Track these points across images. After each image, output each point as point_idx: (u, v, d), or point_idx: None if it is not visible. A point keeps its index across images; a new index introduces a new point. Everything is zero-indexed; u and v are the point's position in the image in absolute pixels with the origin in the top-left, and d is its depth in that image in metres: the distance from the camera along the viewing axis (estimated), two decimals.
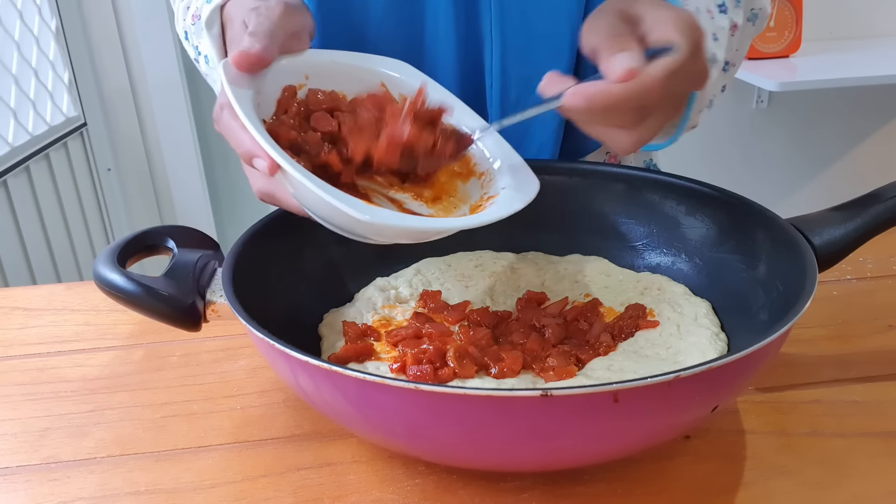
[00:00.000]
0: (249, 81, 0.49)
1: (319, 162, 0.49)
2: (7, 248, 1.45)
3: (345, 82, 0.55)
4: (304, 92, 0.53)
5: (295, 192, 0.48)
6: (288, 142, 0.49)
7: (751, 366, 0.43)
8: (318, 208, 0.48)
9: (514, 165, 0.54)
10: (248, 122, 0.45)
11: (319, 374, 0.41)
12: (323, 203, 0.45)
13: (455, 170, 0.55)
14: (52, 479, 0.49)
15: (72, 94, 1.73)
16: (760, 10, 0.70)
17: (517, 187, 0.52)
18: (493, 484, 0.46)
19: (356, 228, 0.47)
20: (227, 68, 0.48)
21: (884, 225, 0.53)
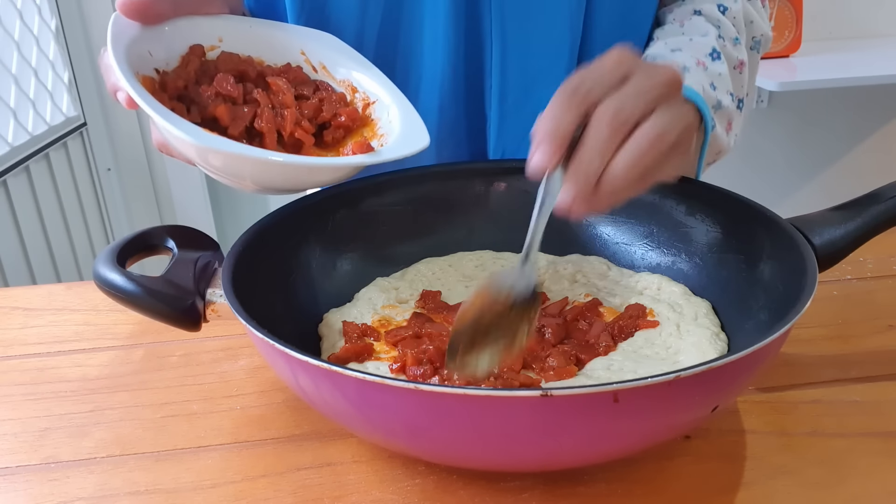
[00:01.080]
0: (146, 34, 0.52)
1: (208, 114, 0.51)
2: (7, 248, 1.45)
3: (263, 49, 0.57)
4: (217, 54, 0.55)
5: (158, 128, 0.50)
6: (176, 90, 0.51)
7: (751, 366, 0.43)
8: (178, 144, 0.49)
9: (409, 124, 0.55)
10: (114, 58, 0.48)
11: (319, 374, 0.41)
12: (172, 134, 0.47)
13: (363, 134, 0.56)
14: (52, 479, 0.49)
15: (72, 94, 1.73)
16: (762, 35, 0.71)
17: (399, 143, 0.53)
18: (493, 484, 0.46)
19: (221, 167, 0.50)
20: (117, 18, 0.51)
21: (884, 225, 0.53)
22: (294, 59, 0.58)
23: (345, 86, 0.58)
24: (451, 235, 0.66)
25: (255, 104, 0.53)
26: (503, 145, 0.72)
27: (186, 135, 0.46)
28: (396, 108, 0.56)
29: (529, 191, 0.67)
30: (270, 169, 0.50)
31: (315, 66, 0.58)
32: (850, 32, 2.10)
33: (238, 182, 0.52)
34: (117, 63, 0.47)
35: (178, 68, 0.53)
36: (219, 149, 0.47)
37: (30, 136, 1.54)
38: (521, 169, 0.67)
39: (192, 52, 0.54)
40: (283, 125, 0.52)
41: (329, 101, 0.55)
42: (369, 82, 0.58)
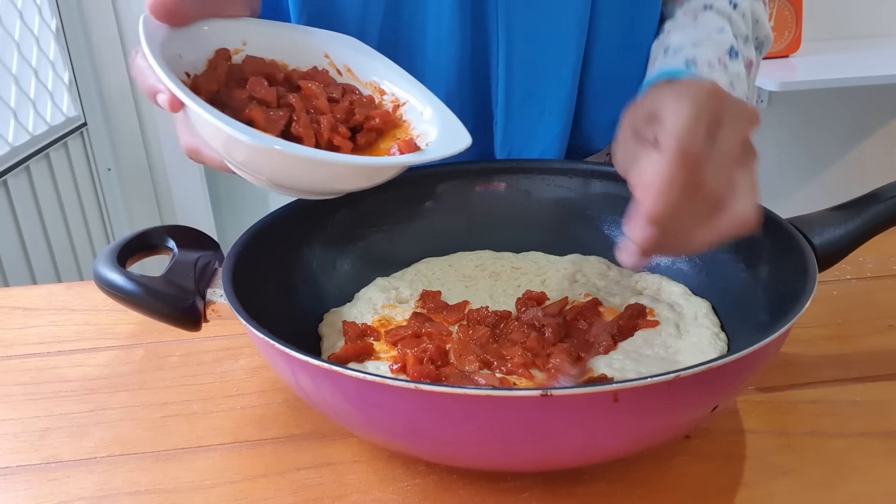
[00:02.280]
0: (174, 36, 0.50)
1: (243, 118, 0.49)
2: (7, 248, 1.45)
3: (286, 52, 0.56)
4: (241, 57, 0.54)
5: (201, 133, 0.48)
6: (209, 94, 0.50)
7: (751, 366, 0.43)
8: (222, 146, 0.48)
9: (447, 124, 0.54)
10: (153, 59, 0.46)
11: (319, 374, 0.41)
12: (220, 134, 0.45)
13: (395, 136, 0.55)
14: (52, 479, 0.49)
15: (72, 94, 1.73)
16: (766, 37, 0.70)
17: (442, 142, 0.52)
18: (493, 484, 0.46)
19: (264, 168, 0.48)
20: (146, 18, 0.49)
21: (884, 225, 0.53)
22: (318, 62, 0.57)
23: (371, 88, 0.57)
24: (451, 235, 0.66)
25: (289, 108, 0.51)
26: (510, 144, 0.72)
27: (245, 136, 0.44)
28: (431, 110, 0.55)
29: (530, 190, 0.67)
30: (329, 171, 0.48)
31: (339, 70, 0.57)
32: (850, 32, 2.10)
33: (281, 187, 0.50)
34: (158, 64, 0.45)
35: (208, 71, 0.52)
36: (284, 151, 0.45)
37: (30, 136, 1.54)
38: (521, 169, 0.68)
39: (218, 55, 0.53)
40: (320, 131, 0.51)
41: (359, 104, 0.54)
42: (397, 84, 0.57)
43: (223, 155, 0.49)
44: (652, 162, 0.42)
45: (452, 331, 0.55)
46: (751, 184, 0.44)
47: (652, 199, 0.42)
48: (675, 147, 0.41)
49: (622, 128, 0.49)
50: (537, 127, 0.71)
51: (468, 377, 0.48)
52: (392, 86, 0.57)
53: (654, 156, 0.42)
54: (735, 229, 0.44)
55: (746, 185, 0.43)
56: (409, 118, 0.55)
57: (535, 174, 0.67)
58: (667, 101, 0.43)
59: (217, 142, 0.48)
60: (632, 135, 0.47)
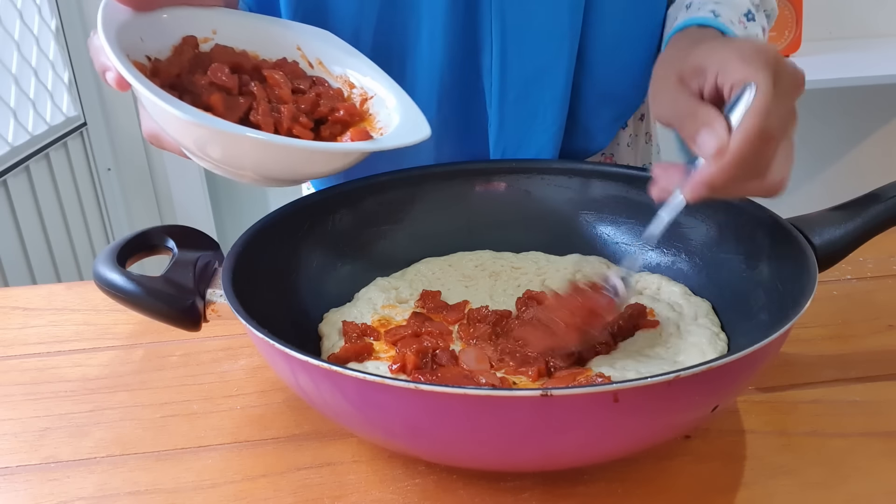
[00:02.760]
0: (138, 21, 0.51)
1: (201, 103, 0.50)
2: (7, 248, 1.45)
3: (258, 43, 0.56)
4: (211, 45, 0.55)
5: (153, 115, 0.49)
6: (169, 78, 0.50)
7: (751, 366, 0.43)
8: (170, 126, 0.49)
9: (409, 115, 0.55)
10: (105, 38, 0.47)
11: (319, 373, 0.41)
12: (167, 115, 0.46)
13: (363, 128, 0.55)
14: (52, 479, 0.49)
15: (72, 93, 1.73)
16: (772, 10, 0.70)
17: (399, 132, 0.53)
18: (493, 484, 0.46)
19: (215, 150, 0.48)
20: (109, 2, 0.50)
21: (884, 225, 0.53)
22: (290, 54, 0.58)
23: (341, 81, 0.58)
24: (451, 235, 0.66)
25: (251, 97, 0.52)
26: (504, 144, 0.72)
27: (181, 112, 0.45)
28: (395, 101, 0.56)
29: (530, 191, 0.67)
30: (269, 152, 0.48)
31: (311, 62, 0.58)
32: (850, 32, 2.10)
33: (235, 171, 0.50)
34: (108, 42, 0.46)
35: (171, 57, 0.52)
36: (213, 126, 0.46)
37: (30, 136, 1.54)
38: (521, 169, 0.68)
39: (185, 42, 0.53)
40: (280, 120, 0.51)
41: (326, 96, 0.54)
42: (366, 77, 0.58)
43: (173, 137, 0.50)
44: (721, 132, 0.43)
45: (452, 330, 0.56)
46: (789, 151, 0.45)
47: (719, 170, 0.43)
48: (755, 125, 0.42)
49: (663, 76, 0.49)
50: (532, 128, 0.71)
51: (468, 377, 0.48)
52: (362, 78, 0.57)
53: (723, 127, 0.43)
54: (765, 193, 0.46)
55: (786, 152, 0.45)
56: (375, 111, 0.56)
57: (535, 174, 0.67)
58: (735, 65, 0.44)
59: (164, 122, 0.48)
60: (678, 84, 0.47)
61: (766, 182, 0.45)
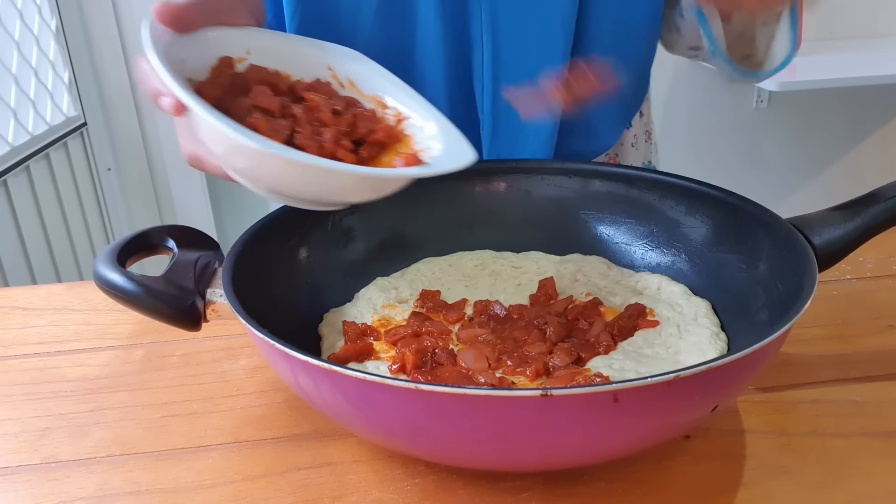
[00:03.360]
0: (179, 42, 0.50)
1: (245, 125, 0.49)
2: (7, 248, 1.45)
3: (290, 63, 0.55)
4: (245, 66, 0.54)
5: (204, 137, 0.48)
6: (213, 100, 0.49)
7: (751, 366, 0.43)
8: (226, 152, 0.47)
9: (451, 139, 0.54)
10: (158, 62, 0.45)
11: (319, 373, 0.41)
12: (225, 140, 0.45)
13: (398, 150, 0.54)
14: (52, 479, 0.49)
15: (72, 93, 1.73)
16: None
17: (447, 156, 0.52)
18: (493, 484, 0.46)
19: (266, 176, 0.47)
20: (152, 24, 0.49)
21: (884, 225, 0.53)
22: (321, 74, 0.56)
23: (373, 101, 0.57)
24: (451, 235, 0.66)
25: (292, 119, 0.50)
26: (497, 148, 0.72)
27: (252, 141, 0.43)
28: (434, 124, 0.55)
29: (529, 191, 0.67)
30: (334, 181, 0.48)
31: (342, 82, 0.57)
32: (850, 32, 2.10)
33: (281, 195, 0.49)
34: (163, 67, 0.45)
35: (211, 78, 0.51)
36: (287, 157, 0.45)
37: (30, 135, 1.54)
38: (521, 169, 0.68)
39: (222, 63, 0.52)
40: (323, 143, 0.50)
41: (362, 118, 0.53)
42: (399, 98, 0.57)
43: (225, 161, 0.49)
44: None
45: (452, 330, 0.56)
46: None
47: None
48: None
49: None
50: (525, 131, 0.71)
51: (468, 377, 0.48)
52: (393, 100, 0.56)
53: None
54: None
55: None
56: (411, 132, 0.55)
57: (535, 174, 0.67)
58: None
59: (220, 147, 0.47)
60: None
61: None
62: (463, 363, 0.50)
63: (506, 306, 0.58)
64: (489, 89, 0.69)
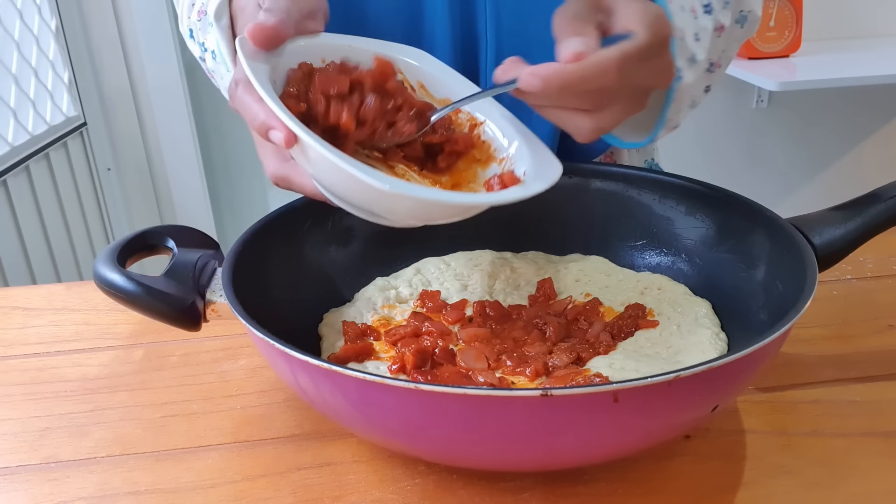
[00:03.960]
0: (265, 59, 0.48)
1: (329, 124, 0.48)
2: (7, 248, 1.45)
3: None
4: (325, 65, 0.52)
5: (311, 167, 0.46)
6: (297, 114, 0.46)
7: (751, 366, 0.43)
8: (336, 182, 0.46)
9: (533, 148, 0.53)
10: (265, 93, 0.43)
11: (319, 373, 0.41)
12: (341, 174, 0.43)
13: (475, 156, 0.54)
14: (52, 479, 0.49)
15: (72, 93, 1.73)
16: (750, 13, 0.70)
17: (538, 171, 0.51)
18: (493, 484, 0.46)
19: (374, 204, 0.46)
20: (243, 43, 0.47)
21: (884, 225, 0.53)
22: None
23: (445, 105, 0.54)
24: (451, 235, 0.66)
25: None
26: None
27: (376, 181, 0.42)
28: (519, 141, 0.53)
29: None
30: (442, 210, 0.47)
31: (413, 86, 0.55)
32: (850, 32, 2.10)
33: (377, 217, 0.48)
34: (272, 100, 0.43)
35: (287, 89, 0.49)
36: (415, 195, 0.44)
37: (30, 135, 1.54)
38: None
39: (301, 70, 0.50)
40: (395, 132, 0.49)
41: (439, 124, 0.52)
42: None
43: (328, 188, 0.47)
44: (591, 42, 0.47)
45: (452, 330, 0.56)
46: (620, 116, 0.50)
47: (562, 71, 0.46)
48: (617, 58, 0.46)
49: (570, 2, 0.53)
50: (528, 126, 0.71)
51: (467, 377, 0.48)
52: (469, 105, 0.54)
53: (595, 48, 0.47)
54: (577, 132, 0.50)
55: (617, 114, 0.50)
56: (486, 138, 0.54)
57: None
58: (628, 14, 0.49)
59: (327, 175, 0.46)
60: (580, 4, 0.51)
61: (587, 122, 0.49)
62: (463, 363, 0.50)
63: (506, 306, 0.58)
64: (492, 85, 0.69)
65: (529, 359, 0.51)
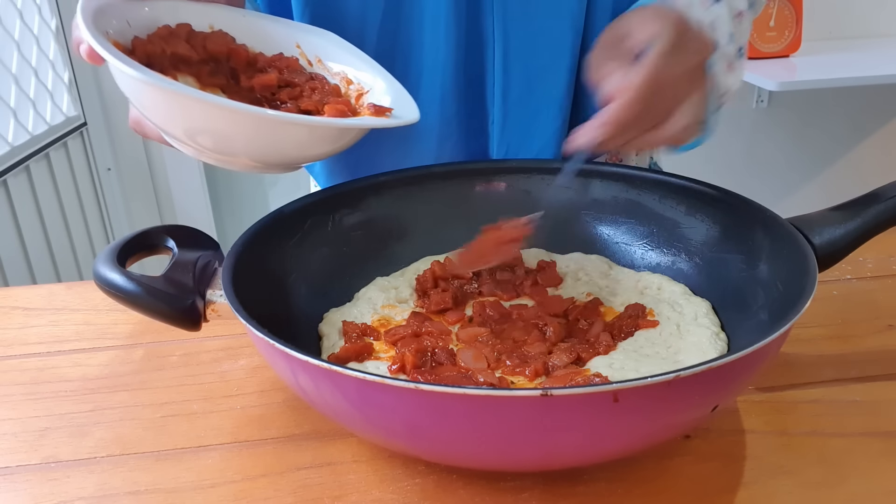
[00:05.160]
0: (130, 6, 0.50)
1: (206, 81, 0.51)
2: (7, 248, 1.45)
3: (257, 40, 0.56)
4: None
5: (126, 91, 0.48)
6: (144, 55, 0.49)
7: (751, 365, 0.43)
8: (137, 99, 0.48)
9: (401, 102, 0.55)
10: (81, 13, 0.46)
11: (319, 373, 0.41)
12: (140, 86, 0.45)
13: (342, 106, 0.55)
14: (52, 479, 0.49)
15: (72, 93, 1.73)
16: None
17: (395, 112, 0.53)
18: (493, 484, 0.46)
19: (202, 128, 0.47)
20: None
21: (884, 225, 0.53)
22: (289, 51, 0.58)
23: (339, 78, 0.58)
24: (450, 235, 0.66)
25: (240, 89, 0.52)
26: (507, 142, 0.72)
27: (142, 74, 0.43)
28: (389, 91, 0.56)
29: (530, 190, 0.67)
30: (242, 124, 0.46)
31: (310, 60, 0.58)
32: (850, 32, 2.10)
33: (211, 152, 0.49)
34: (83, 16, 0.46)
35: (155, 37, 0.51)
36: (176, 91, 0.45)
37: (30, 135, 1.54)
38: (521, 169, 0.68)
39: (179, 27, 0.53)
40: None
41: (320, 91, 0.55)
42: (364, 73, 0.58)
43: (146, 115, 0.49)
44: (627, 77, 0.50)
45: (452, 330, 0.56)
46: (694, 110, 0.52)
47: (613, 111, 0.49)
48: (647, 72, 0.49)
49: (599, 43, 0.56)
50: (534, 124, 0.71)
51: (467, 377, 0.48)
52: (358, 73, 0.58)
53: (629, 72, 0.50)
54: (664, 143, 0.53)
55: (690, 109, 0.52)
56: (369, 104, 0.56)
57: (535, 174, 0.67)
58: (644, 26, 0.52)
59: (134, 97, 0.47)
60: (608, 49, 0.54)
61: (664, 132, 0.52)
62: (462, 363, 0.50)
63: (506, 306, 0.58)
64: (500, 84, 0.69)
65: (529, 359, 0.51)
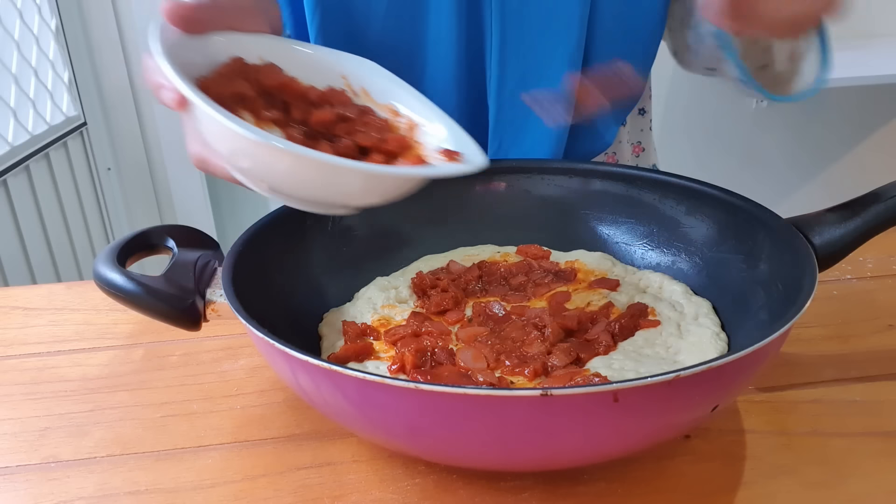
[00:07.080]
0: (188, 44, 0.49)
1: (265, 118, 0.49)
2: (7, 248, 1.45)
3: (303, 71, 0.55)
4: None
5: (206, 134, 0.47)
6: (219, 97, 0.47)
7: (751, 365, 0.43)
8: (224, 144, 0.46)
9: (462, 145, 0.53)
10: (159, 55, 0.44)
11: (319, 373, 0.41)
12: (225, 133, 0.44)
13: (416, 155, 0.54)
14: (52, 479, 0.49)
15: (72, 93, 1.73)
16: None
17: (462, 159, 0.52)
18: (493, 484, 0.46)
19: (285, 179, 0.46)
20: (162, 23, 0.48)
21: (884, 225, 0.53)
22: (335, 83, 0.56)
23: (386, 110, 0.56)
24: (451, 235, 0.66)
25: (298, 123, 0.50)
26: (499, 138, 0.72)
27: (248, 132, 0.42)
28: (444, 128, 0.54)
29: (529, 190, 0.67)
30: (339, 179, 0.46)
31: (356, 91, 0.56)
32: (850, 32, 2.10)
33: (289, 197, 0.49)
34: (164, 60, 0.44)
35: (219, 76, 0.50)
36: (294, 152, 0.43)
37: (30, 135, 1.54)
38: (521, 169, 0.68)
39: (233, 62, 0.51)
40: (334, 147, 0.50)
41: (374, 126, 0.53)
42: (412, 107, 0.56)
43: (228, 160, 0.48)
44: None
45: (452, 330, 0.56)
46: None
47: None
48: None
49: None
50: (528, 119, 0.71)
51: (467, 376, 0.48)
52: (406, 109, 0.56)
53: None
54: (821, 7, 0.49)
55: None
56: (422, 140, 0.54)
57: (535, 174, 0.67)
58: None
59: (222, 143, 0.46)
60: None
61: None
62: (462, 363, 0.50)
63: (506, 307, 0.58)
64: (495, 77, 0.69)
65: (529, 359, 0.51)
